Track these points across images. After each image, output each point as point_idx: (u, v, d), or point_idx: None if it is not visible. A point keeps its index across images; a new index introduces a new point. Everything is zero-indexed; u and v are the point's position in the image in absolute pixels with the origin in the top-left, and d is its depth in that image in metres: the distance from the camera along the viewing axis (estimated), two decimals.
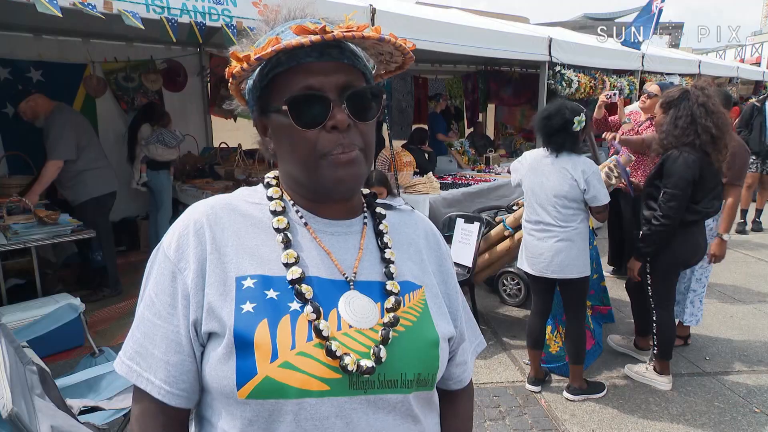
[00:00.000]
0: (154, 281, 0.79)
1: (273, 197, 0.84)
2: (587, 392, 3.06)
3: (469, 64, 9.60)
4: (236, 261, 0.77)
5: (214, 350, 0.74)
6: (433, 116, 7.93)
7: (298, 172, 0.81)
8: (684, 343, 3.67)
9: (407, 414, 0.79)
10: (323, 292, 0.77)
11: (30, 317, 2.96)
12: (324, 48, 0.75)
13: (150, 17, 2.88)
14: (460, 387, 0.96)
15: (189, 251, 0.77)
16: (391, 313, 0.78)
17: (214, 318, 0.74)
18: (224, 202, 0.83)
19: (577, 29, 10.92)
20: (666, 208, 2.82)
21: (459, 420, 0.97)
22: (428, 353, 0.81)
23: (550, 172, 2.89)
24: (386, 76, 0.91)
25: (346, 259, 0.82)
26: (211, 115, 7.13)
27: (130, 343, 0.79)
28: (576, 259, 2.87)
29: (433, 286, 0.89)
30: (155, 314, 0.77)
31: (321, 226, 0.83)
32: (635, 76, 7.49)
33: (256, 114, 0.83)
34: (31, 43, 5.22)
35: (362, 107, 0.78)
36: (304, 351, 0.72)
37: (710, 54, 16.10)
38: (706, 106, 2.80)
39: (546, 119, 2.88)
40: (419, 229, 0.94)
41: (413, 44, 0.81)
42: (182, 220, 0.81)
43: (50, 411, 1.65)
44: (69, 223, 3.79)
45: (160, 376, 0.76)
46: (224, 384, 0.72)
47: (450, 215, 4.35)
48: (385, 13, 4.07)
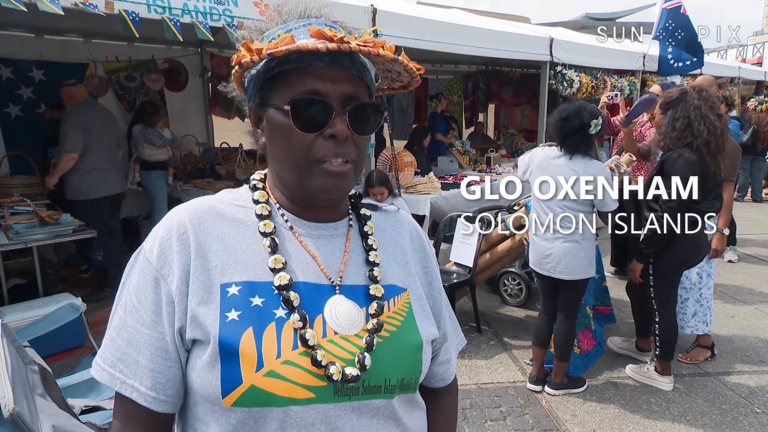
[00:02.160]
0: (135, 287, 0.77)
1: (259, 200, 0.82)
2: (568, 387, 3.11)
3: (470, 64, 9.60)
4: (220, 267, 0.76)
5: (199, 357, 0.73)
6: (433, 116, 7.91)
7: (286, 173, 0.80)
8: (712, 355, 3.53)
9: (390, 417, 0.79)
10: (309, 298, 0.77)
11: (31, 317, 2.97)
12: (336, 55, 0.74)
13: (151, 17, 2.89)
14: (443, 385, 0.96)
15: (172, 257, 0.75)
16: (375, 318, 0.78)
17: (199, 326, 0.73)
18: (208, 205, 0.81)
19: (579, 29, 10.90)
20: (666, 208, 2.82)
21: (443, 418, 0.96)
22: (412, 358, 0.81)
23: (560, 174, 2.88)
24: (388, 92, 0.91)
25: (332, 263, 0.81)
26: (212, 115, 7.14)
27: (110, 351, 0.76)
28: (582, 260, 2.90)
29: (417, 288, 0.89)
30: (138, 321, 0.75)
31: (306, 229, 0.83)
32: (636, 76, 7.48)
33: (253, 104, 0.81)
34: (32, 42, 5.22)
35: (363, 121, 0.77)
36: (289, 359, 0.71)
37: (711, 54, 16.08)
38: (701, 108, 2.79)
39: (564, 120, 2.87)
40: (404, 230, 0.94)
41: (422, 68, 0.81)
42: (164, 224, 0.79)
43: (52, 411, 1.65)
44: (70, 223, 3.79)
45: (145, 383, 0.74)
46: (209, 391, 0.72)
47: (451, 215, 4.34)
48: (386, 13, 4.07)
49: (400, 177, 4.88)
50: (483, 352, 3.66)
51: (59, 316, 2.68)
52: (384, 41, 0.75)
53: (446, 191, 4.97)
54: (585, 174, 2.82)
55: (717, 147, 2.80)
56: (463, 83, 9.82)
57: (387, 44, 0.75)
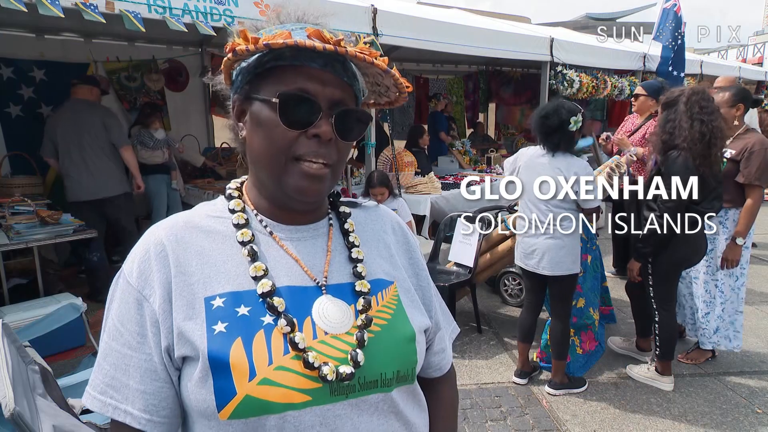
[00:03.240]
0: (116, 310, 0.76)
1: (235, 210, 0.82)
2: (568, 386, 3.12)
3: (471, 65, 9.60)
4: (203, 281, 0.75)
5: (191, 374, 0.72)
6: (434, 115, 7.90)
7: (263, 171, 0.79)
8: (713, 356, 3.51)
9: (391, 411, 0.79)
10: (295, 302, 0.76)
11: (32, 317, 2.97)
12: (330, 59, 0.74)
13: (152, 17, 2.89)
14: (440, 374, 0.97)
15: (152, 276, 0.75)
16: (363, 314, 0.78)
17: (186, 342, 0.72)
18: (183, 221, 0.81)
19: (579, 29, 10.90)
20: (665, 209, 2.82)
21: (443, 407, 0.96)
22: (405, 349, 0.81)
23: (544, 171, 2.92)
24: (373, 107, 0.92)
25: (316, 264, 0.81)
26: (213, 115, 7.14)
27: (99, 377, 0.75)
28: (566, 257, 2.92)
29: (404, 280, 0.89)
30: (124, 344, 0.74)
31: (286, 233, 0.82)
32: (637, 76, 7.48)
33: (239, 97, 0.80)
34: (33, 42, 5.22)
35: (348, 127, 0.77)
36: (282, 365, 0.71)
37: (712, 54, 16.07)
38: (692, 111, 2.76)
39: (543, 118, 2.91)
40: (386, 224, 0.94)
41: (411, 86, 0.82)
42: (141, 244, 0.78)
43: (52, 411, 1.65)
44: (71, 223, 3.79)
45: (138, 406, 0.73)
46: (204, 407, 0.71)
47: (451, 215, 4.35)
48: (386, 13, 4.07)
49: (401, 177, 4.89)
50: (483, 352, 3.66)
51: (60, 316, 2.68)
52: (378, 52, 0.75)
53: (446, 191, 4.97)
54: (568, 172, 2.85)
55: (707, 150, 2.74)
56: (464, 83, 9.82)
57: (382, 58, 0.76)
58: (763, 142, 3.16)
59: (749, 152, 3.11)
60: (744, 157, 3.13)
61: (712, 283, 3.35)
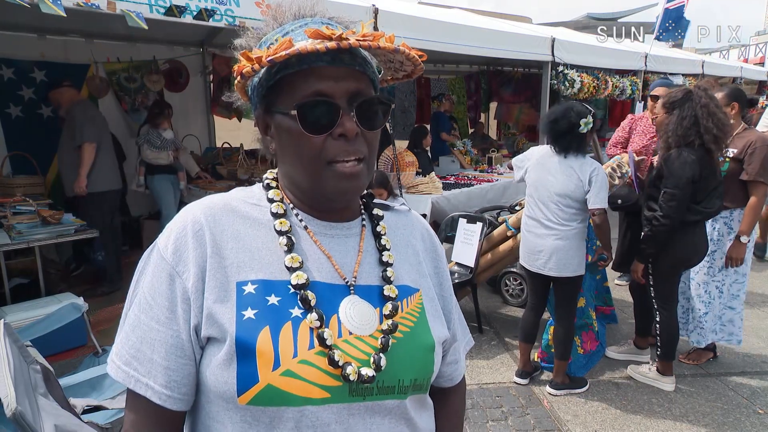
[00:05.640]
0: (149, 284, 0.76)
1: (274, 199, 0.82)
2: (569, 387, 3.11)
3: (472, 65, 9.60)
4: (236, 264, 0.76)
5: (215, 355, 0.73)
6: (437, 115, 7.90)
7: (299, 177, 0.79)
8: (714, 356, 3.52)
9: (402, 417, 0.80)
10: (324, 298, 0.76)
11: (33, 316, 2.97)
12: (337, 53, 0.73)
13: (153, 17, 2.89)
14: (451, 385, 0.97)
15: (188, 254, 0.75)
16: (390, 319, 0.78)
17: (215, 324, 0.73)
18: (222, 203, 0.81)
19: (580, 29, 10.91)
20: (666, 208, 2.82)
21: (451, 417, 0.97)
22: (424, 359, 0.81)
23: (556, 171, 2.91)
24: (392, 82, 0.90)
25: (346, 263, 0.81)
26: (214, 115, 7.14)
27: (125, 348, 0.75)
28: (573, 258, 2.92)
29: (429, 288, 0.89)
30: (153, 318, 0.74)
31: (320, 228, 0.82)
32: (638, 76, 7.48)
33: (259, 112, 0.81)
34: (34, 43, 5.23)
35: (370, 116, 0.77)
36: (306, 359, 0.71)
37: (714, 54, 16.05)
38: (709, 107, 2.80)
39: (553, 123, 2.91)
40: (416, 230, 0.94)
41: (425, 55, 0.80)
42: (179, 220, 0.78)
43: (54, 410, 1.65)
44: (72, 223, 3.80)
45: (160, 381, 0.74)
46: (225, 389, 0.72)
47: (452, 215, 4.34)
48: (387, 13, 4.07)
49: (402, 177, 4.88)
50: (484, 352, 3.65)
51: (61, 315, 2.68)
52: (383, 33, 0.74)
53: (447, 191, 4.97)
54: (581, 171, 2.85)
55: (725, 143, 2.82)
56: (465, 83, 9.82)
57: (386, 35, 0.74)
58: (764, 139, 3.18)
59: (752, 149, 3.12)
60: (747, 154, 3.14)
61: (713, 284, 3.34)
